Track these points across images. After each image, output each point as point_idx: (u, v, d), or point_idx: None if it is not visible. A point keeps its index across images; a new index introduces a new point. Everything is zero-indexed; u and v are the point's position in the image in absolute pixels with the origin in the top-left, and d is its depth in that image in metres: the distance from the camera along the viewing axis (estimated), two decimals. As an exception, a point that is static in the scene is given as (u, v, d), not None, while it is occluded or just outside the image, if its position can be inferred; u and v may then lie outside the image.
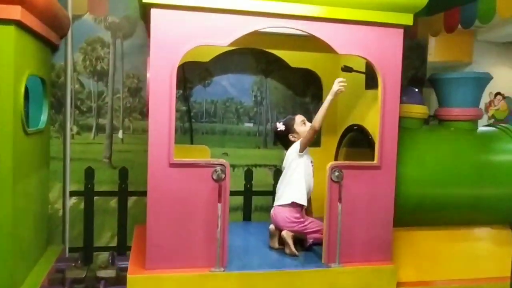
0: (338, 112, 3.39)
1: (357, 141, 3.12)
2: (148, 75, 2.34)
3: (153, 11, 2.25)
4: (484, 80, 2.99)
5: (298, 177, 2.74)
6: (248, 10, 2.32)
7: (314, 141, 3.42)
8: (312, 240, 2.72)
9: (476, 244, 2.90)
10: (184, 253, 2.37)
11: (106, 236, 3.26)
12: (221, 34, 2.34)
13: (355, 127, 3.02)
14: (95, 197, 3.22)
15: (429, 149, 2.88)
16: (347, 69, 2.73)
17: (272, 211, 2.81)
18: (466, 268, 2.79)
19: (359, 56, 2.52)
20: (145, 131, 3.25)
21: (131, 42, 3.20)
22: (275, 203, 2.81)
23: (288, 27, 2.42)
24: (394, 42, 2.53)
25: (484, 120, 6.18)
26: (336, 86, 2.60)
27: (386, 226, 2.63)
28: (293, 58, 3.31)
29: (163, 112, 2.32)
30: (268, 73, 3.45)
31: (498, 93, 8.42)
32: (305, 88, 3.52)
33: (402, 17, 2.49)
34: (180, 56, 2.31)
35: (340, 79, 2.62)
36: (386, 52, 2.52)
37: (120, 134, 3.24)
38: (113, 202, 3.25)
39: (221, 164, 2.39)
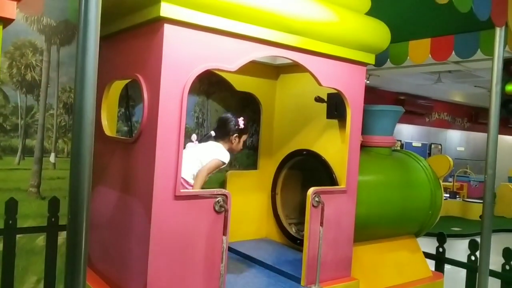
0: (274, 139, 3.53)
1: (303, 165, 3.30)
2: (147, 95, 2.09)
3: (167, 27, 2.04)
4: (399, 113, 3.53)
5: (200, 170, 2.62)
6: (254, 36, 2.30)
7: (251, 163, 3.54)
8: None
9: (398, 253, 3.39)
10: (185, 293, 2.18)
11: (29, 282, 2.66)
12: (229, 58, 2.26)
13: (304, 152, 3.20)
14: (18, 235, 2.61)
15: (367, 171, 3.25)
16: (320, 100, 2.90)
17: None
18: (397, 275, 3.24)
19: (335, 89, 2.72)
20: (81, 154, 2.80)
21: (70, 50, 2.71)
22: None
23: (285, 57, 2.48)
24: (359, 78, 2.83)
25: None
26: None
27: (349, 244, 2.88)
28: (238, 81, 3.31)
29: (172, 139, 2.12)
30: (209, 94, 3.35)
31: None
32: (242, 111, 3.54)
33: (368, 56, 2.80)
34: (192, 78, 2.15)
35: None
36: (354, 87, 2.79)
37: (52, 158, 2.70)
38: (41, 239, 2.69)
39: (223, 194, 2.27)
